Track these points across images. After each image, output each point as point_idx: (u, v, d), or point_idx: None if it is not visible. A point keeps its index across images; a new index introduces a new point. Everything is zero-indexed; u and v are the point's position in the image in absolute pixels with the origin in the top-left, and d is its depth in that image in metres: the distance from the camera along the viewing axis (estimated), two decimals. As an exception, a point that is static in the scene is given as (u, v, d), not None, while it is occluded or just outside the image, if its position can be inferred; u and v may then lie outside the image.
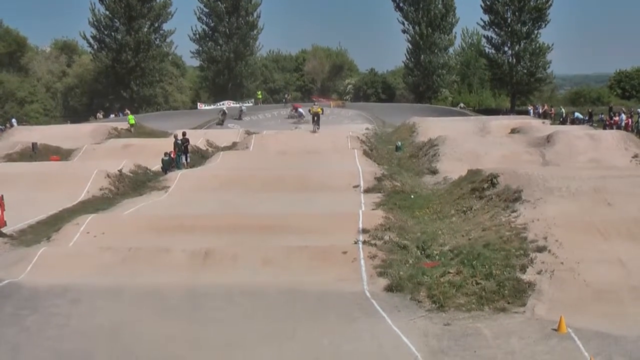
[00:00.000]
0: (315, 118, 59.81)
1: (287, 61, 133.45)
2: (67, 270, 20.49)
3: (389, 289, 18.32)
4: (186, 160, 43.64)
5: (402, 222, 25.12)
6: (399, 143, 53.25)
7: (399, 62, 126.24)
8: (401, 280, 18.54)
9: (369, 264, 19.94)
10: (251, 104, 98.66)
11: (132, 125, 68.59)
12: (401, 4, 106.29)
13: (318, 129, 58.43)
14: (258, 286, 18.64)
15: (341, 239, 22.05)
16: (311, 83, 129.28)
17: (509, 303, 16.93)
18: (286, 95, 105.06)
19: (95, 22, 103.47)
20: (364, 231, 23.14)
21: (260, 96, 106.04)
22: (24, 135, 61.70)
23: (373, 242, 21.92)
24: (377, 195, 31.63)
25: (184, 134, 45.28)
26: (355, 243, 21.73)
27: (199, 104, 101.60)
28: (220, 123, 77.45)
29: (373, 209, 27.63)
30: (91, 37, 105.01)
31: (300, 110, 78.97)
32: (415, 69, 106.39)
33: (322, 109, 66.00)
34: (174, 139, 44.17)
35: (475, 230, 23.09)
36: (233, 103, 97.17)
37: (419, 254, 21.16)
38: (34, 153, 49.92)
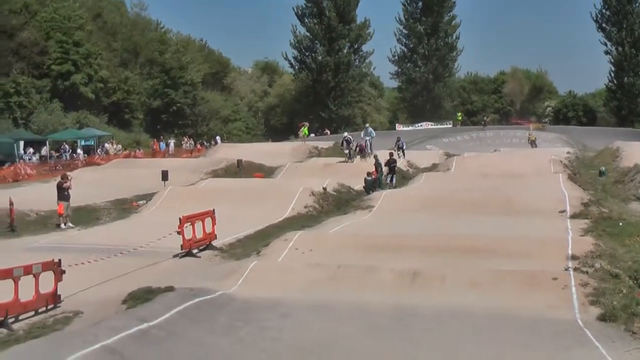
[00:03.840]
0: (532, 144, 74.98)
1: (486, 83, 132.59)
2: (276, 284, 20.99)
3: (602, 318, 17.58)
4: (392, 180, 44.04)
5: (612, 249, 24.34)
6: (603, 168, 51.68)
7: (600, 83, 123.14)
8: (615, 310, 17.76)
9: (580, 291, 19.23)
10: (449, 126, 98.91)
11: (305, 135, 71.46)
12: (604, 25, 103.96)
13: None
14: (466, 308, 18.40)
15: (549, 265, 21.54)
16: (510, 105, 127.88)
17: None
18: (485, 118, 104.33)
19: (296, 44, 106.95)
20: (574, 258, 22.47)
21: (460, 118, 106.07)
22: (227, 152, 64.62)
23: (584, 269, 21.27)
24: (584, 222, 30.72)
25: (390, 154, 46.04)
26: (566, 270, 21.13)
27: (397, 124, 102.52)
28: (349, 157, 54.24)
29: (581, 235, 26.96)
30: (292, 58, 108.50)
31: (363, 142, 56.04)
32: (618, 91, 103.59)
33: (535, 137, 77.09)
34: (374, 160, 44.62)
35: (693, 260, 22.11)
36: (432, 125, 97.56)
37: (632, 283, 20.31)
38: (239, 170, 51.67)
